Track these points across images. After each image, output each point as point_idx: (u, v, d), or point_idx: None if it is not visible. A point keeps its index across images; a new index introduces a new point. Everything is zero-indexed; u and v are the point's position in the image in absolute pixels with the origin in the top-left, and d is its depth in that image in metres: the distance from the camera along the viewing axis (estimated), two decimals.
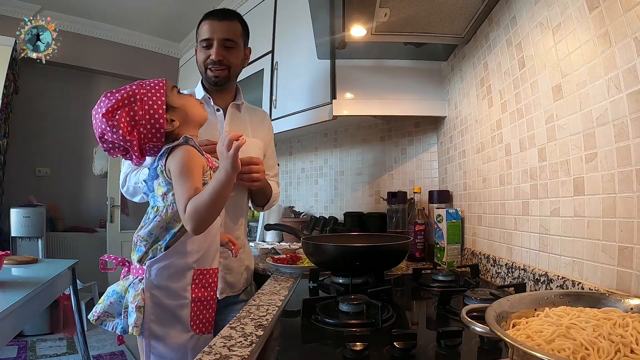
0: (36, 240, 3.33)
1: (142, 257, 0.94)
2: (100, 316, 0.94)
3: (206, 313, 0.98)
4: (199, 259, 0.96)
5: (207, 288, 0.99)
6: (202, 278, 0.98)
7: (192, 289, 0.95)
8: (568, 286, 0.85)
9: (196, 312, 0.96)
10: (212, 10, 1.30)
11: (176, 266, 0.93)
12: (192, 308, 0.95)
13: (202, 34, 1.27)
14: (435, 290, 1.14)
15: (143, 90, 0.92)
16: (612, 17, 0.73)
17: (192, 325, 0.94)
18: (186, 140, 0.95)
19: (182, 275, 0.94)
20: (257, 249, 1.94)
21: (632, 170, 0.70)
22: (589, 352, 0.45)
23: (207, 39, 1.25)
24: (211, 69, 1.26)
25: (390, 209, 1.70)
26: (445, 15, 1.26)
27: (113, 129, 0.89)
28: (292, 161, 2.65)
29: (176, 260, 0.93)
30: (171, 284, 0.93)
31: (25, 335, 2.96)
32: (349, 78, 1.69)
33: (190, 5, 3.30)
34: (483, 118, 1.33)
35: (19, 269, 1.86)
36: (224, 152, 0.84)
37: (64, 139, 4.01)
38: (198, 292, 0.96)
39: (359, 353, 0.65)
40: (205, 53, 1.26)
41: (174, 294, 0.93)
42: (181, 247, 0.94)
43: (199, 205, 0.85)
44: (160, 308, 0.92)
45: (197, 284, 0.96)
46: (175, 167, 0.90)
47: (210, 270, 1.00)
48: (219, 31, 1.25)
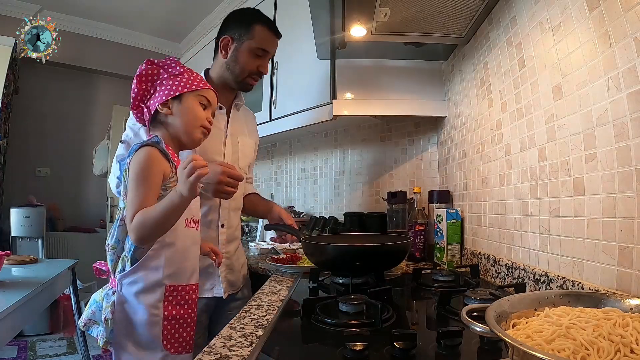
0: (36, 240, 3.33)
1: (114, 268, 0.91)
2: (87, 323, 0.93)
3: (183, 332, 0.91)
4: (171, 274, 0.90)
5: (183, 305, 0.92)
6: (175, 295, 0.91)
7: (165, 306, 0.89)
8: (568, 286, 0.85)
9: (170, 331, 0.89)
10: (272, 21, 1.30)
11: (146, 281, 0.88)
12: (165, 326, 0.88)
13: (262, 43, 1.24)
14: (435, 290, 1.14)
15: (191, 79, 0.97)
16: (612, 17, 0.73)
17: (165, 344, 0.88)
18: (155, 142, 0.92)
19: (152, 291, 0.88)
20: (257, 249, 1.94)
21: (632, 170, 0.70)
22: (589, 352, 0.45)
23: (267, 52, 1.26)
24: (255, 78, 1.28)
25: (390, 209, 1.70)
26: (445, 15, 1.26)
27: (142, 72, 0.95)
28: (292, 161, 2.65)
29: (145, 275, 0.88)
30: (141, 299, 0.87)
31: (25, 335, 2.96)
32: (349, 78, 1.69)
33: (190, 6, 3.29)
34: (483, 118, 1.33)
35: (19, 269, 1.86)
36: (183, 177, 0.79)
37: (64, 139, 4.01)
38: (172, 310, 0.90)
39: (359, 353, 0.65)
40: (256, 62, 1.25)
41: (143, 310, 0.87)
42: (150, 261, 0.89)
43: (146, 219, 0.82)
44: (130, 323, 0.87)
45: (170, 301, 0.90)
46: (132, 170, 0.87)
47: (186, 287, 0.93)
48: (275, 47, 1.29)
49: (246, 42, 1.23)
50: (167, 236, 0.89)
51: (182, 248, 0.93)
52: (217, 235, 1.25)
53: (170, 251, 0.90)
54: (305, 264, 1.43)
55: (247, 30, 1.23)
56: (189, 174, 0.78)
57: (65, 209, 3.91)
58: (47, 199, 3.66)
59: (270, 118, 2.10)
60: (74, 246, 3.66)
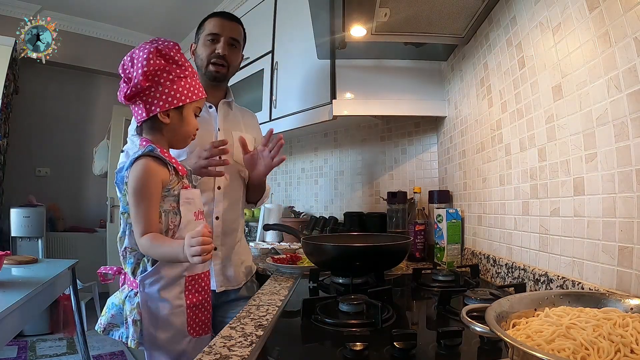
0: (36, 240, 3.33)
1: (134, 270, 0.94)
2: (106, 327, 0.98)
3: (202, 316, 0.99)
4: (189, 266, 0.96)
5: (200, 292, 0.99)
6: (194, 284, 0.98)
7: (186, 296, 0.96)
8: (568, 286, 0.85)
9: (192, 317, 0.96)
10: (219, 11, 1.36)
11: (168, 277, 0.93)
12: (188, 314, 0.96)
13: (208, 29, 1.30)
14: (435, 290, 1.14)
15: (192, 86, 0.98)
16: (612, 17, 0.73)
17: (189, 330, 0.96)
18: (149, 150, 0.92)
19: (175, 285, 0.95)
20: (257, 249, 1.94)
21: (632, 170, 0.70)
22: (589, 352, 0.45)
23: (215, 34, 1.29)
24: (214, 63, 1.29)
25: (390, 209, 1.70)
26: (445, 15, 1.26)
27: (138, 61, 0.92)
28: (292, 161, 2.65)
29: (167, 272, 0.93)
30: (165, 294, 0.93)
31: (25, 335, 2.96)
32: (349, 78, 1.69)
33: (190, 6, 3.30)
34: (483, 118, 1.33)
35: (19, 269, 1.85)
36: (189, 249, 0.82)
37: (64, 139, 4.01)
38: (193, 298, 0.97)
39: (359, 353, 0.65)
40: (211, 47, 1.29)
41: (169, 303, 0.93)
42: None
43: (150, 249, 0.89)
44: (157, 319, 0.93)
45: (190, 290, 0.97)
46: (131, 185, 0.90)
47: (202, 275, 1.01)
48: (228, 29, 1.30)
49: (200, 37, 1.33)
50: (183, 232, 0.92)
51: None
52: (212, 228, 1.25)
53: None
54: (305, 264, 1.43)
55: (199, 28, 1.34)
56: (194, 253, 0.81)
57: (65, 209, 3.91)
58: (47, 199, 3.66)
59: (270, 118, 2.09)
60: (74, 246, 3.66)
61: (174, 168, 0.95)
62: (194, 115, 1.01)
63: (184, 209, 0.95)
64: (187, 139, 1.02)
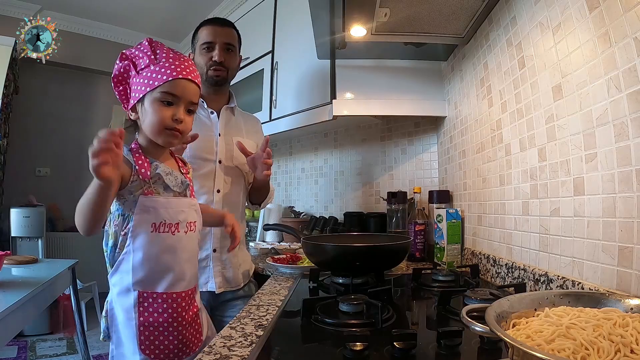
0: (36, 240, 3.33)
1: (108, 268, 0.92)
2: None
3: (164, 340, 0.86)
4: (140, 280, 0.85)
5: (162, 313, 0.86)
6: (152, 302, 0.86)
7: (140, 312, 0.85)
8: (568, 286, 0.85)
9: (148, 337, 0.85)
10: (210, 18, 1.37)
11: (121, 285, 0.87)
12: (142, 332, 0.85)
13: (202, 38, 1.32)
14: (435, 290, 1.14)
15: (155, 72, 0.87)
16: (612, 17, 0.73)
17: (142, 349, 0.85)
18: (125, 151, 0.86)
19: (127, 296, 0.86)
20: (257, 249, 1.94)
21: (632, 170, 0.70)
22: (589, 352, 0.45)
23: (210, 42, 1.31)
24: (213, 69, 1.31)
25: (390, 209, 1.70)
26: (445, 15, 1.26)
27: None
28: (292, 161, 2.65)
29: (120, 278, 0.87)
30: (119, 302, 0.87)
31: (25, 335, 2.96)
32: (349, 78, 1.69)
33: (190, 5, 3.30)
34: (483, 118, 1.33)
35: (19, 269, 1.85)
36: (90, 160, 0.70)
37: (64, 139, 4.01)
38: (149, 317, 0.85)
39: (359, 353, 0.65)
40: (207, 55, 1.31)
41: (121, 312, 0.87)
42: (121, 264, 0.87)
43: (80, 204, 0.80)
44: (112, 322, 0.88)
45: (145, 307, 0.85)
46: None
47: (163, 295, 0.87)
48: (221, 35, 1.32)
49: (196, 46, 1.35)
50: (133, 242, 0.85)
51: (149, 254, 0.86)
52: (211, 230, 1.25)
53: (136, 256, 0.85)
54: (305, 264, 1.43)
55: (194, 37, 1.37)
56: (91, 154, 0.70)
57: (65, 209, 3.90)
58: (47, 199, 3.66)
59: (270, 118, 2.09)
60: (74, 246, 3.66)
61: (136, 170, 0.85)
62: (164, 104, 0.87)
63: (138, 218, 0.85)
64: (159, 135, 0.88)
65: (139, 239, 0.86)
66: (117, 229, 0.88)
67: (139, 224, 0.85)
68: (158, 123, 0.87)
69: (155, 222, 0.86)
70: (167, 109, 0.87)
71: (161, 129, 0.87)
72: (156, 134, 0.88)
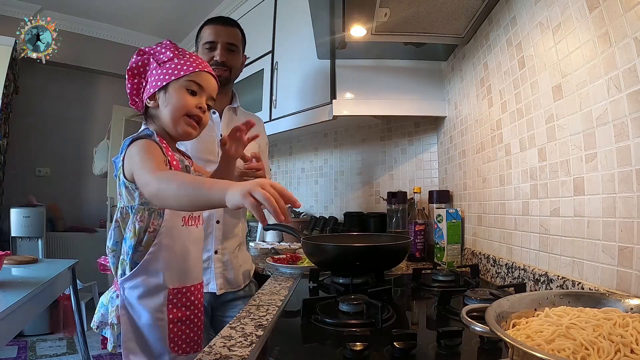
0: (36, 240, 3.33)
1: (115, 271, 0.88)
2: (99, 325, 0.92)
3: (190, 332, 0.88)
4: (172, 276, 0.86)
5: (189, 307, 0.88)
6: (180, 297, 0.87)
7: (170, 309, 0.85)
8: (568, 286, 0.85)
9: (176, 333, 0.86)
10: (214, 17, 1.36)
11: (147, 285, 0.84)
12: (171, 329, 0.85)
13: (205, 37, 1.32)
14: (435, 290, 1.14)
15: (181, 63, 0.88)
16: (612, 17, 0.73)
17: (172, 346, 0.85)
18: (146, 134, 0.86)
19: (155, 295, 0.84)
20: (257, 249, 1.94)
21: (632, 170, 0.70)
22: (589, 352, 0.45)
23: (212, 42, 1.30)
24: (218, 68, 1.29)
25: (390, 209, 1.70)
26: (445, 15, 1.26)
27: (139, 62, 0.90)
28: (292, 161, 2.65)
29: (146, 279, 0.84)
30: (144, 303, 0.84)
31: (25, 335, 2.96)
32: (349, 78, 1.69)
33: (190, 5, 3.29)
34: (483, 118, 1.33)
35: (19, 269, 1.85)
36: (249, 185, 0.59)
37: (64, 139, 4.01)
38: (177, 312, 0.86)
39: (359, 353, 0.65)
40: (209, 55, 1.30)
41: (148, 314, 0.84)
42: (149, 264, 0.84)
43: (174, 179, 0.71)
44: (136, 328, 0.84)
45: (174, 303, 0.86)
46: (133, 155, 0.80)
47: (191, 288, 0.89)
48: (224, 35, 1.31)
49: (199, 45, 1.35)
50: (164, 237, 0.84)
51: (181, 249, 0.88)
52: (213, 231, 1.26)
53: (168, 253, 0.85)
54: (305, 264, 1.43)
55: (197, 37, 1.36)
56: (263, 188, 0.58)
57: (65, 209, 3.91)
58: (47, 199, 3.66)
59: (270, 118, 2.09)
60: (74, 246, 3.66)
61: (168, 161, 0.84)
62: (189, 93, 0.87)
63: (170, 212, 0.84)
64: (178, 120, 0.87)
65: (171, 233, 0.85)
66: (142, 225, 0.83)
67: (172, 218, 0.85)
68: (182, 107, 0.87)
69: (185, 216, 0.88)
70: (192, 97, 0.88)
71: (183, 114, 0.87)
72: (177, 119, 0.87)
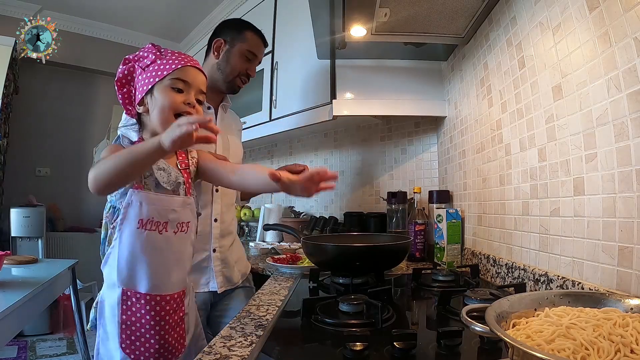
0: (36, 240, 3.33)
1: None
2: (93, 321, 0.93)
3: (145, 342, 0.84)
4: (123, 277, 0.84)
5: (144, 314, 0.84)
6: (134, 301, 0.84)
7: (123, 310, 0.83)
8: (568, 286, 0.85)
9: (129, 336, 0.83)
10: (259, 30, 1.37)
11: (109, 279, 0.85)
12: (124, 330, 0.83)
13: (253, 47, 1.34)
14: (435, 290, 1.14)
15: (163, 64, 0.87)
16: (612, 17, 0.73)
17: (123, 347, 0.83)
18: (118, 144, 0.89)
19: (112, 290, 0.84)
20: (257, 249, 1.94)
21: (632, 170, 0.70)
22: (589, 352, 0.45)
23: (256, 56, 1.35)
24: (243, 80, 1.35)
25: (390, 209, 1.70)
26: (445, 15, 1.26)
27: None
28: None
29: (108, 272, 0.85)
30: (106, 295, 0.86)
31: (25, 335, 2.96)
32: (349, 78, 1.69)
33: (190, 6, 3.29)
34: (483, 118, 1.33)
35: (19, 269, 1.85)
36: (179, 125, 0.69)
37: (64, 139, 4.00)
38: (131, 316, 0.84)
39: (359, 353, 0.65)
40: (246, 65, 1.34)
41: (107, 306, 0.85)
42: (108, 258, 0.86)
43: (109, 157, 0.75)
44: (103, 317, 0.86)
45: (128, 305, 0.84)
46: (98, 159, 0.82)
47: (146, 296, 0.84)
48: (261, 53, 1.37)
49: (238, 45, 1.32)
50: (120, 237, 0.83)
51: (133, 251, 0.83)
52: (211, 230, 1.26)
53: (120, 251, 0.84)
54: (305, 264, 1.43)
55: (239, 34, 1.33)
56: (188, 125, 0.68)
57: (65, 209, 3.90)
58: (47, 199, 3.65)
59: (270, 118, 2.10)
60: (74, 246, 3.65)
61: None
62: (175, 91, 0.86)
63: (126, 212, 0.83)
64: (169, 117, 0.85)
65: (125, 233, 0.83)
66: (108, 221, 0.86)
67: (126, 218, 0.83)
68: (169, 107, 0.85)
69: (142, 219, 0.83)
70: (178, 94, 0.87)
71: (171, 114, 0.85)
72: (165, 120, 0.85)
